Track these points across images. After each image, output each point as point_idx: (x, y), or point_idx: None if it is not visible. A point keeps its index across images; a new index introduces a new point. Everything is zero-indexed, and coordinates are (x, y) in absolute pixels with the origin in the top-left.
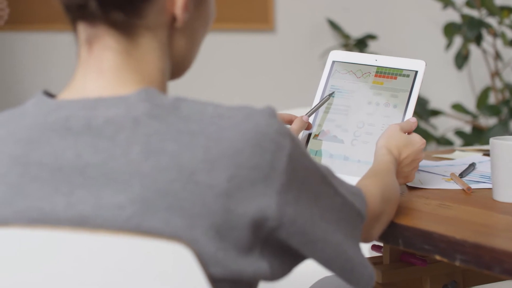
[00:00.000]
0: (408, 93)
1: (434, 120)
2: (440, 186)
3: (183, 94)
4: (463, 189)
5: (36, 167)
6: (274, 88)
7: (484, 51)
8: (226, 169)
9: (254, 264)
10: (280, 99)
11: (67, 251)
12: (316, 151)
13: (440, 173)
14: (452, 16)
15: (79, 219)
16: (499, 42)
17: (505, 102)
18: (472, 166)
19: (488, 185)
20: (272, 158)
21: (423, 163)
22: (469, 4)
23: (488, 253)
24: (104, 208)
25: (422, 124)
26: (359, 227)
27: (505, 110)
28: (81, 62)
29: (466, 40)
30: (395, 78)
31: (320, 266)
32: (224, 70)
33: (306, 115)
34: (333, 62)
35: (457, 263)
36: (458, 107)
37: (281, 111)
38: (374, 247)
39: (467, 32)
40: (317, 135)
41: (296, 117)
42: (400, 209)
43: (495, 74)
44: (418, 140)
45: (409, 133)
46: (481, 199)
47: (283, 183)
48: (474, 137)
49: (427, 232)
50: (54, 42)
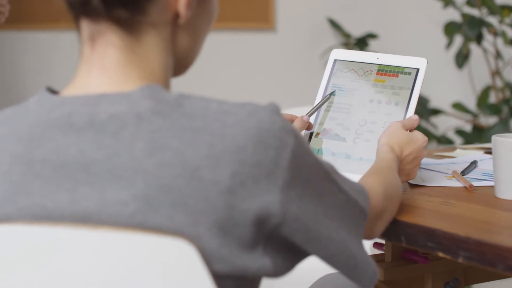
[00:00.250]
0: (410, 91)
1: (435, 119)
2: (442, 184)
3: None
4: (465, 187)
5: (39, 164)
6: (275, 87)
7: (485, 50)
8: (230, 166)
9: (257, 261)
10: (280, 98)
11: (71, 248)
12: (318, 150)
13: (442, 171)
14: (453, 15)
15: (83, 216)
16: (500, 41)
17: (506, 101)
18: (474, 164)
19: (490, 183)
20: (276, 155)
21: (425, 161)
22: (470, 3)
23: (492, 250)
24: (108, 205)
25: (423, 123)
26: (362, 224)
27: (506, 109)
28: (84, 59)
29: (467, 39)
30: (397, 76)
31: (323, 263)
32: (225, 69)
33: (307, 115)
34: (335, 61)
35: (460, 260)
36: (459, 106)
37: (282, 111)
38: (376, 245)
39: (468, 31)
40: (319, 134)
41: (297, 117)
42: (403, 207)
43: (496, 73)
44: (420, 138)
45: (411, 131)
46: (484, 197)
47: (287, 180)
48: (475, 136)
49: (430, 229)
50: (55, 41)
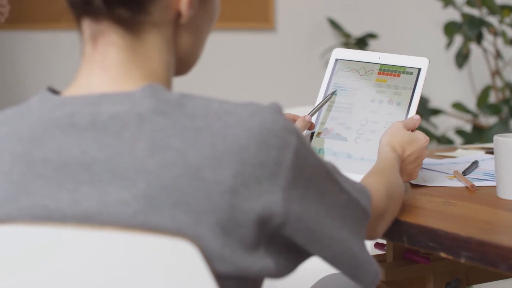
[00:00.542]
0: (412, 91)
1: (435, 119)
2: (444, 184)
3: None
4: (467, 187)
5: (40, 164)
6: (275, 87)
7: (485, 50)
8: (232, 166)
9: (260, 261)
10: (281, 98)
11: (72, 248)
12: (319, 149)
13: (443, 171)
14: (453, 15)
15: (84, 216)
16: (500, 41)
17: (506, 101)
18: (475, 164)
19: (492, 183)
20: (278, 155)
21: (426, 161)
22: (470, 3)
23: (494, 250)
24: (110, 205)
25: (423, 123)
26: (364, 224)
27: (506, 109)
28: (86, 59)
29: (467, 39)
30: (398, 76)
31: (325, 264)
32: (225, 69)
33: (309, 115)
34: (336, 60)
35: (462, 261)
36: (459, 106)
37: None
38: (377, 245)
39: (468, 31)
40: (320, 133)
41: (299, 117)
42: (404, 207)
43: (496, 73)
44: (422, 138)
45: (413, 131)
46: (485, 197)
47: (289, 180)
48: (475, 136)
49: (432, 230)
50: (56, 41)
